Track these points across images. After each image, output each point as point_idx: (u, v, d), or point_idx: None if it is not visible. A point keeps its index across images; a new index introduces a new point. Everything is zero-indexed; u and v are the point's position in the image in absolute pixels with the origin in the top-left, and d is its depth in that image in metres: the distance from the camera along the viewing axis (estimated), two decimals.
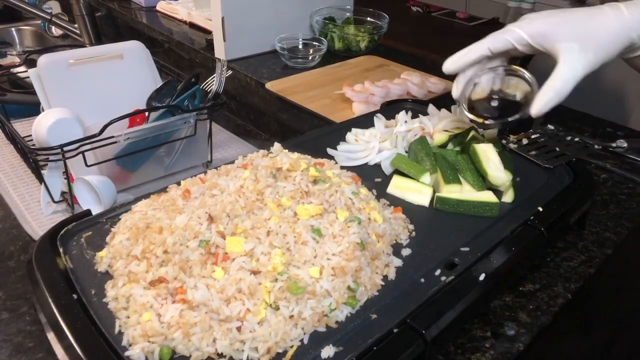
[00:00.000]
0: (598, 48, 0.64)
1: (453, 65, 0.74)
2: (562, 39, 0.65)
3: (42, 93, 0.85)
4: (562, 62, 0.65)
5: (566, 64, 0.65)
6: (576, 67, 0.64)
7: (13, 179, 0.91)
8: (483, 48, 0.72)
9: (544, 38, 0.67)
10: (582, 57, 0.64)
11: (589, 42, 0.64)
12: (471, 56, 0.73)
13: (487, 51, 0.71)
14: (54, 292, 0.53)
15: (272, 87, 1.19)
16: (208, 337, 0.49)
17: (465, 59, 0.73)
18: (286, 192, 0.62)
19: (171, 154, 0.89)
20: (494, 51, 0.71)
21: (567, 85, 0.65)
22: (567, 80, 0.65)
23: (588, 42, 0.64)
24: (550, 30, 0.66)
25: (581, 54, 0.64)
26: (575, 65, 0.64)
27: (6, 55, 1.86)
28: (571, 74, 0.65)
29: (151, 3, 1.73)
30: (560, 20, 0.66)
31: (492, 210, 0.69)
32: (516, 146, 0.86)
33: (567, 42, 0.65)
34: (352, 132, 0.87)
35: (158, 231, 0.57)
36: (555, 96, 0.65)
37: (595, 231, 0.79)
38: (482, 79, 0.74)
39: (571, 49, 0.64)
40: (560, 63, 0.65)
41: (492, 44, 0.71)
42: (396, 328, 0.52)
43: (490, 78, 0.74)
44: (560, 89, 0.65)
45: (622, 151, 0.98)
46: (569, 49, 0.65)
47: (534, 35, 0.67)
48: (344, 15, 1.50)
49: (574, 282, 0.69)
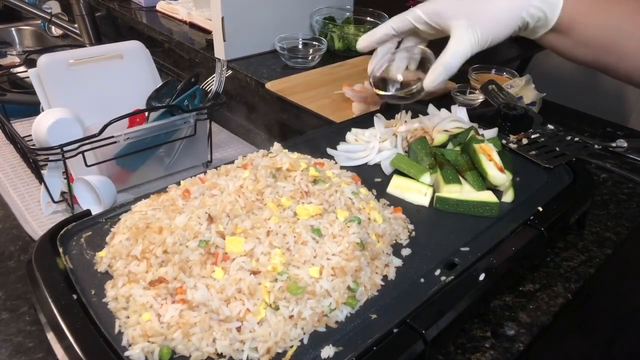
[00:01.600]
0: (486, 25, 0.66)
1: (363, 42, 0.78)
2: (453, 17, 0.68)
3: (42, 93, 0.85)
4: (452, 39, 0.68)
5: (455, 40, 0.68)
6: (465, 43, 0.67)
7: (13, 179, 0.91)
8: (387, 27, 0.75)
9: (438, 16, 0.70)
10: (470, 34, 0.67)
11: (477, 19, 0.67)
12: (377, 35, 0.76)
13: (390, 30, 0.75)
14: (54, 292, 0.53)
15: (272, 87, 1.19)
16: (208, 337, 0.49)
17: (373, 37, 0.77)
18: (286, 192, 0.62)
19: (171, 154, 0.89)
20: (397, 30, 0.75)
21: (455, 60, 0.68)
22: (455, 56, 0.68)
23: (476, 19, 0.67)
24: (444, 9, 0.69)
25: (469, 31, 0.67)
26: (464, 42, 0.67)
27: (6, 55, 1.86)
28: (459, 49, 0.67)
29: (151, 3, 1.73)
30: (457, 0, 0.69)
31: (492, 210, 0.69)
32: (516, 146, 0.86)
33: (457, 20, 0.67)
34: (352, 132, 0.87)
35: (158, 231, 0.57)
36: (444, 70, 0.69)
37: (595, 231, 0.79)
38: (395, 57, 0.78)
39: (460, 26, 0.67)
40: (451, 39, 0.68)
41: (394, 23, 0.75)
42: (396, 328, 0.52)
43: (404, 58, 0.78)
44: (448, 64, 0.68)
45: (622, 151, 0.98)
46: (458, 26, 0.67)
47: (429, 13, 0.70)
48: (344, 15, 1.50)
49: (574, 282, 0.69)
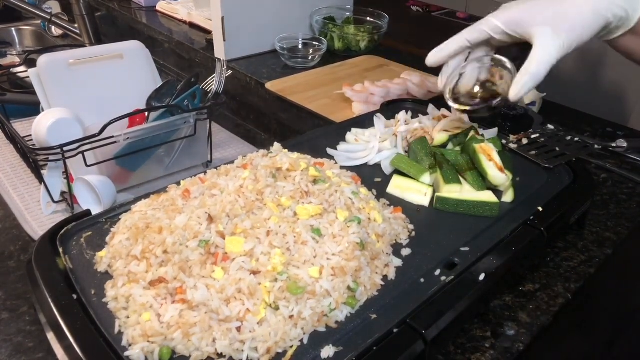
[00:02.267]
0: (570, 30, 0.65)
1: (434, 58, 0.76)
2: (534, 23, 0.66)
3: (42, 93, 0.85)
4: (536, 47, 0.66)
5: (540, 48, 0.66)
6: (550, 50, 0.65)
7: (13, 179, 0.91)
8: (461, 39, 0.73)
9: (518, 25, 0.67)
10: (555, 40, 0.65)
11: (561, 25, 0.64)
12: (450, 48, 0.74)
13: (465, 42, 0.73)
14: (54, 292, 0.53)
15: (272, 87, 1.19)
16: (208, 337, 0.49)
17: (445, 51, 0.75)
18: (286, 192, 0.62)
19: (171, 154, 0.89)
20: (472, 42, 0.73)
21: (542, 69, 0.66)
22: (541, 64, 0.66)
23: (560, 25, 0.65)
24: (524, 17, 0.67)
25: (554, 37, 0.65)
26: (549, 49, 0.65)
27: (6, 55, 1.86)
28: (545, 57, 0.65)
29: (151, 3, 1.73)
30: (533, 5, 0.67)
31: (492, 210, 0.69)
32: (516, 146, 0.86)
33: (539, 27, 0.65)
34: (352, 132, 0.87)
35: (158, 231, 0.57)
36: (530, 79, 0.66)
37: (595, 231, 0.79)
38: (466, 69, 0.76)
39: (544, 33, 0.65)
40: (535, 47, 0.66)
41: (469, 35, 0.72)
42: (396, 328, 0.52)
43: (476, 68, 0.76)
44: (535, 72, 0.66)
45: (622, 151, 0.98)
46: (541, 33, 0.65)
47: (508, 22, 0.68)
48: (344, 15, 1.50)
49: (574, 282, 0.69)
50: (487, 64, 0.75)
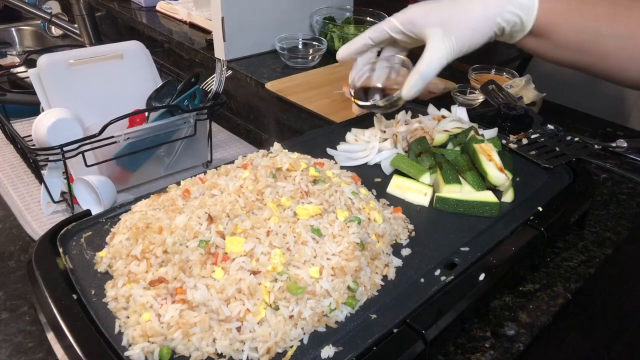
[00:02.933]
0: (460, 33, 0.66)
1: (342, 54, 0.78)
2: (428, 25, 0.68)
3: (42, 93, 0.85)
4: (427, 47, 0.68)
5: (430, 48, 0.67)
6: (440, 51, 0.67)
7: (13, 179, 0.91)
8: (365, 37, 0.75)
9: (413, 25, 0.69)
10: (445, 41, 0.66)
11: (452, 27, 0.66)
12: (355, 45, 0.76)
13: (368, 40, 0.75)
14: (54, 292, 0.53)
15: (272, 87, 1.19)
16: (208, 337, 0.49)
17: (351, 48, 0.77)
18: (286, 192, 0.62)
19: (171, 154, 0.89)
20: (375, 40, 0.74)
21: (431, 69, 0.68)
22: (430, 64, 0.67)
23: (451, 27, 0.66)
24: (419, 18, 0.69)
25: (444, 39, 0.66)
26: (439, 50, 0.67)
27: (6, 55, 1.86)
28: (434, 57, 0.67)
29: (151, 3, 1.73)
30: (430, 8, 0.69)
31: (492, 210, 0.69)
32: (516, 146, 0.86)
33: (432, 28, 0.67)
34: (352, 132, 0.87)
35: (158, 231, 0.57)
36: (420, 78, 0.68)
37: (595, 231, 0.79)
38: (376, 66, 0.78)
39: (435, 34, 0.67)
40: (426, 48, 0.68)
41: (372, 34, 0.74)
42: (396, 328, 0.52)
43: (384, 67, 0.78)
44: (424, 72, 0.68)
45: (622, 151, 0.98)
46: (433, 34, 0.67)
47: (404, 22, 0.70)
48: (344, 15, 1.50)
49: (574, 282, 0.69)
50: (396, 64, 0.77)
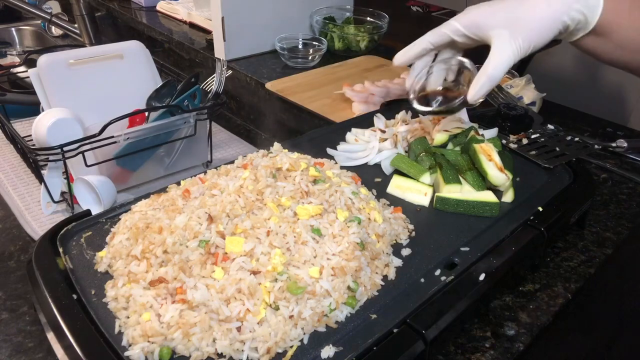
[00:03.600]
0: (527, 33, 0.66)
1: (400, 59, 0.77)
2: (493, 26, 0.67)
3: (42, 93, 0.85)
4: (493, 49, 0.67)
5: (497, 50, 0.67)
6: (507, 52, 0.66)
7: (13, 179, 0.91)
8: (425, 42, 0.74)
9: (478, 28, 0.69)
10: (512, 42, 0.66)
11: (518, 28, 0.66)
12: (415, 49, 0.75)
13: (428, 44, 0.74)
14: (54, 292, 0.53)
15: (272, 87, 1.19)
16: (208, 337, 0.49)
17: (410, 53, 0.76)
18: (286, 192, 0.62)
19: (171, 154, 0.89)
20: (435, 44, 0.74)
21: (498, 70, 0.67)
22: (498, 66, 0.67)
23: (517, 28, 0.66)
24: (483, 20, 0.68)
25: (511, 40, 0.66)
26: (506, 51, 0.66)
27: (6, 55, 1.86)
28: (502, 59, 0.67)
29: (151, 3, 1.73)
30: (492, 9, 0.68)
31: (492, 210, 0.69)
32: (516, 146, 0.86)
33: (497, 30, 0.67)
34: (352, 132, 0.87)
35: (158, 231, 0.57)
36: (487, 81, 0.68)
37: (595, 231, 0.79)
38: (433, 70, 0.77)
39: (501, 36, 0.67)
40: (492, 50, 0.68)
41: (432, 38, 0.74)
42: (396, 328, 0.52)
43: (442, 70, 0.77)
44: (491, 74, 0.67)
45: (622, 151, 0.98)
46: (499, 36, 0.67)
47: (468, 25, 0.70)
48: (344, 15, 1.50)
49: (574, 282, 0.69)
50: (454, 65, 0.76)
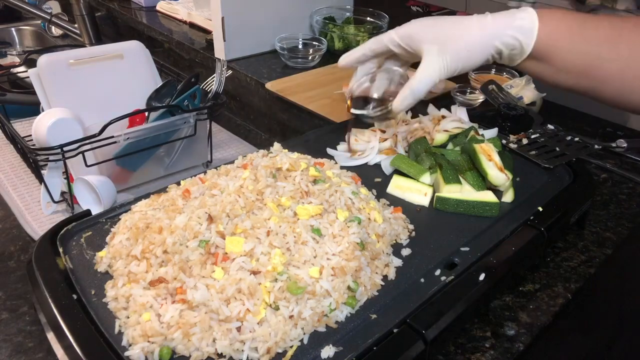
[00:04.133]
0: (456, 52, 0.66)
1: (342, 61, 0.79)
2: (424, 40, 0.68)
3: (42, 93, 0.85)
4: (421, 63, 0.68)
5: (424, 64, 0.68)
6: (433, 68, 0.67)
7: (13, 179, 0.91)
8: (365, 48, 0.76)
9: (411, 39, 0.69)
10: (439, 59, 0.66)
11: (448, 46, 0.66)
12: (355, 55, 0.77)
13: (368, 51, 0.75)
14: (54, 292, 0.53)
15: (272, 87, 1.18)
16: (208, 337, 0.49)
17: (351, 57, 0.77)
18: (286, 192, 0.62)
19: (171, 154, 0.89)
20: (375, 51, 0.75)
21: (422, 85, 0.68)
22: (422, 81, 0.68)
23: (446, 46, 0.66)
24: (418, 33, 0.69)
25: (439, 57, 0.66)
26: (433, 67, 0.67)
27: (6, 55, 1.86)
28: (427, 74, 0.67)
29: (151, 3, 1.73)
30: (430, 24, 0.69)
31: (492, 210, 0.69)
32: (516, 146, 0.86)
33: (428, 44, 0.67)
34: (352, 132, 0.87)
35: (158, 231, 0.57)
36: (411, 94, 0.69)
37: (595, 231, 0.79)
38: (376, 77, 0.78)
39: (430, 51, 0.67)
40: (420, 64, 0.68)
41: (372, 45, 0.75)
42: (396, 328, 0.52)
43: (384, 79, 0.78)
44: (415, 88, 0.69)
45: (622, 151, 0.98)
46: (428, 51, 0.67)
47: (403, 36, 0.70)
48: (344, 15, 1.50)
49: (574, 282, 0.69)
50: (395, 76, 0.77)
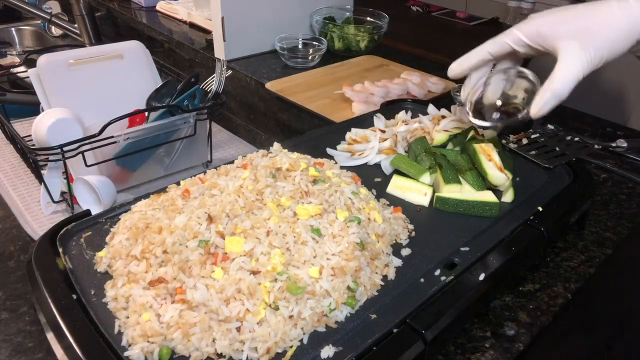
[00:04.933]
0: (600, 45, 0.60)
1: (456, 70, 0.73)
2: (561, 37, 0.62)
3: (42, 93, 0.85)
4: (560, 62, 0.62)
5: (564, 63, 0.61)
6: (575, 66, 0.61)
7: (13, 179, 0.91)
8: (483, 52, 0.70)
9: (543, 38, 0.63)
10: (582, 55, 0.60)
11: (590, 38, 0.60)
12: (472, 60, 0.71)
13: (487, 55, 0.70)
14: (54, 292, 0.53)
15: (272, 87, 1.19)
16: (207, 337, 0.49)
17: (467, 63, 0.72)
18: (286, 192, 0.62)
19: (171, 154, 0.89)
20: (494, 54, 0.69)
21: (565, 86, 0.62)
22: (565, 81, 0.61)
23: (589, 39, 0.60)
24: (549, 29, 0.63)
25: (581, 53, 0.60)
26: (575, 65, 0.61)
27: (6, 55, 1.86)
28: (569, 74, 0.61)
29: (151, 3, 1.73)
30: (560, 17, 0.63)
31: (492, 210, 0.69)
32: (516, 146, 0.86)
33: (565, 40, 0.61)
34: (352, 132, 0.87)
35: (157, 231, 0.57)
36: (553, 97, 0.62)
37: (595, 231, 0.79)
38: (491, 80, 0.72)
39: (570, 47, 0.61)
40: (559, 62, 0.62)
41: (491, 47, 0.69)
42: (396, 328, 0.52)
43: (501, 80, 0.72)
44: (557, 90, 0.62)
45: (622, 151, 0.98)
46: (567, 47, 0.61)
47: (531, 35, 0.65)
48: (344, 15, 1.50)
49: (574, 282, 0.69)
50: (512, 76, 0.71)
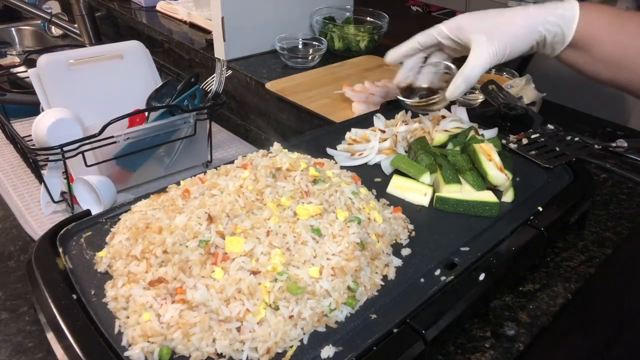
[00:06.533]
0: (504, 39, 0.71)
1: (390, 56, 0.82)
2: (473, 31, 0.72)
3: (42, 93, 0.85)
4: (472, 52, 0.72)
5: (474, 53, 0.72)
6: (483, 56, 0.71)
7: (13, 179, 0.91)
8: (413, 41, 0.79)
9: (460, 31, 0.73)
10: (488, 47, 0.71)
11: (496, 34, 0.71)
12: (404, 49, 0.80)
13: (416, 44, 0.79)
14: (54, 292, 0.53)
15: (272, 87, 1.18)
16: (208, 337, 0.49)
17: (399, 51, 0.81)
18: (286, 192, 0.62)
19: (171, 154, 0.89)
20: (423, 44, 0.78)
21: (474, 72, 0.72)
22: (474, 68, 0.72)
23: (494, 34, 0.71)
24: (466, 24, 0.73)
25: (488, 45, 0.71)
26: (483, 55, 0.71)
27: (6, 55, 1.86)
28: (478, 62, 0.72)
29: (151, 3, 1.73)
30: (478, 16, 0.73)
31: (492, 210, 0.69)
32: (516, 146, 0.86)
33: (477, 34, 0.72)
34: (352, 132, 0.87)
35: (158, 231, 0.57)
36: (463, 81, 0.73)
37: (595, 231, 0.79)
38: (423, 71, 0.82)
39: (480, 40, 0.71)
40: (471, 52, 0.72)
41: (420, 38, 0.78)
42: (396, 328, 0.52)
43: (430, 72, 0.82)
44: (467, 75, 0.72)
45: (622, 151, 0.97)
46: (478, 39, 0.71)
47: (452, 29, 0.74)
48: (344, 15, 1.50)
49: (574, 282, 0.69)
50: (441, 69, 0.81)
